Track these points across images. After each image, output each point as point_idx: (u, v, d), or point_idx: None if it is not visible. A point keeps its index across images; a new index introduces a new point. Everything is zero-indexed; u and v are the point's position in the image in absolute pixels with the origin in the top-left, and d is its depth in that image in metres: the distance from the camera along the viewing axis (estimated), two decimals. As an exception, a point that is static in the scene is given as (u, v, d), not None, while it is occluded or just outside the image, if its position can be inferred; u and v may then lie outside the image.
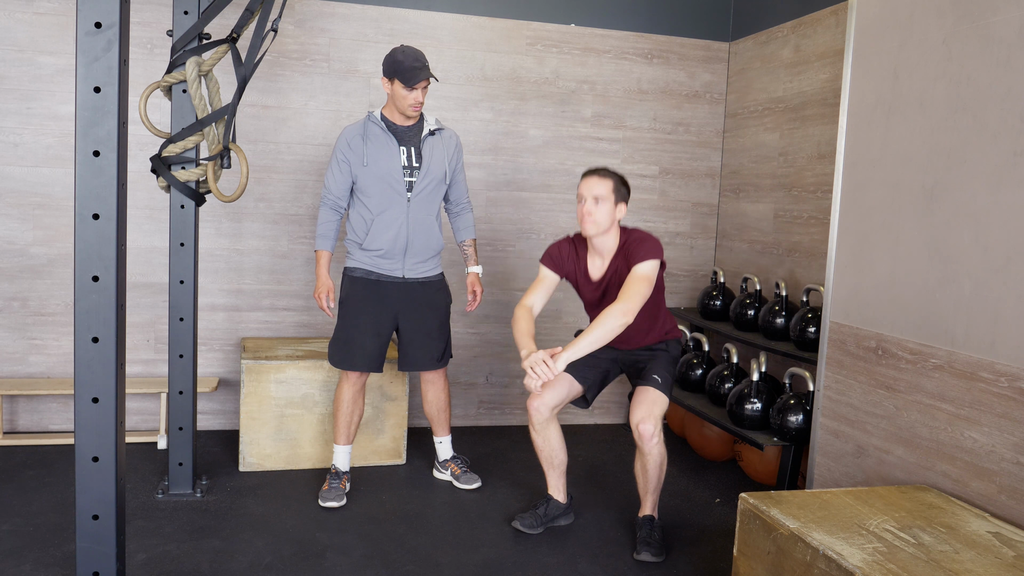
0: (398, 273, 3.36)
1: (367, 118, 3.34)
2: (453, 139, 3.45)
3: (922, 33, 2.61)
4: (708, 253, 4.80)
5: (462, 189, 3.53)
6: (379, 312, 3.37)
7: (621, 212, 2.95)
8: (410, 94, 3.22)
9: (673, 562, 2.95)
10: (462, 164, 3.50)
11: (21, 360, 4.00)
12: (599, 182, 2.91)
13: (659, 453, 2.94)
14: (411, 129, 3.35)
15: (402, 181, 3.29)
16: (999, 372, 2.31)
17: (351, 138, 3.31)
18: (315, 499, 3.38)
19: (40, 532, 2.95)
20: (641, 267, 2.86)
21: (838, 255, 2.96)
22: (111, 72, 1.87)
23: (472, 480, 3.58)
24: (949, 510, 2.32)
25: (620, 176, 2.98)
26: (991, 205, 2.34)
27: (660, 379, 2.99)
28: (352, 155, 3.30)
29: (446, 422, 3.66)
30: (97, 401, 1.95)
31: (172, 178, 2.86)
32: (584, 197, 2.91)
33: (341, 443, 3.48)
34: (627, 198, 2.98)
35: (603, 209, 2.90)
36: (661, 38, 4.59)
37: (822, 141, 3.83)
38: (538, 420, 3.06)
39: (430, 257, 3.41)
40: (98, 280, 1.92)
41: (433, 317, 3.44)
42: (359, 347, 3.36)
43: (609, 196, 2.90)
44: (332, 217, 3.38)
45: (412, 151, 3.33)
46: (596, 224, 2.91)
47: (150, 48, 3.98)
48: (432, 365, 3.48)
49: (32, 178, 3.93)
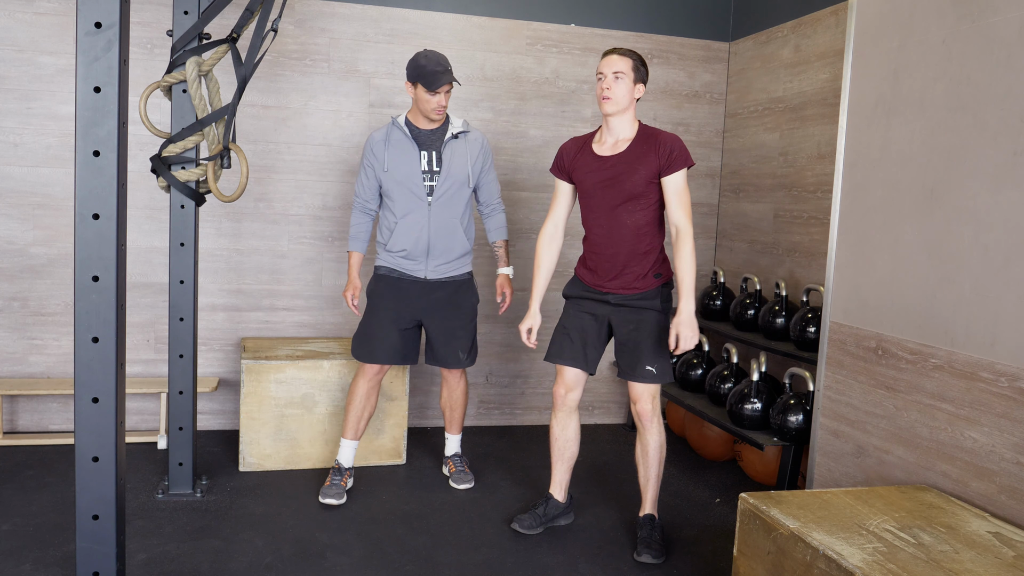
0: (420, 274, 3.40)
1: (392, 123, 3.39)
2: (479, 141, 3.46)
3: (922, 33, 2.61)
4: (708, 253, 4.80)
5: (492, 190, 3.54)
6: (400, 307, 3.41)
7: (639, 92, 2.95)
8: (433, 98, 3.25)
9: (673, 562, 2.95)
10: (490, 165, 3.51)
11: (21, 360, 4.00)
12: (619, 59, 2.90)
13: (658, 433, 2.96)
14: (434, 133, 3.38)
15: (422, 186, 3.34)
16: (999, 372, 2.31)
17: (375, 144, 3.38)
18: (315, 499, 3.38)
19: (40, 532, 2.95)
20: (676, 180, 2.87)
21: (838, 255, 2.96)
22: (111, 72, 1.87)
23: (463, 480, 3.59)
24: (949, 510, 2.32)
25: (640, 56, 2.96)
26: (991, 205, 2.34)
27: (654, 369, 2.94)
28: (375, 160, 3.37)
29: (458, 421, 3.70)
30: (97, 401, 1.95)
31: (172, 178, 2.86)
32: (604, 74, 2.90)
33: (348, 437, 3.49)
34: (646, 79, 2.96)
35: (622, 86, 2.89)
36: (661, 38, 4.59)
37: (822, 141, 3.83)
38: (563, 409, 3.09)
39: (454, 259, 3.43)
40: (98, 280, 1.92)
41: (456, 316, 3.47)
42: (379, 340, 3.40)
43: (629, 73, 2.89)
44: (362, 219, 3.46)
45: (433, 155, 3.36)
46: (615, 101, 2.89)
47: (150, 48, 3.98)
48: (457, 363, 3.51)
49: (32, 178, 3.93)
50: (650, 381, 2.94)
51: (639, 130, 2.96)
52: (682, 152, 2.88)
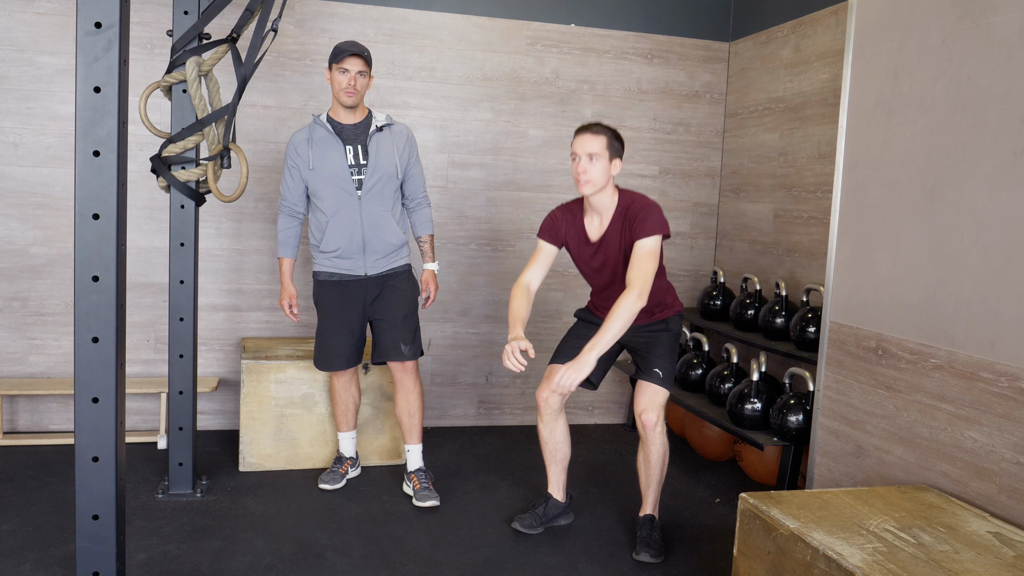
0: (360, 271, 3.34)
1: (313, 121, 3.32)
2: (404, 133, 3.38)
3: (922, 33, 2.61)
4: (708, 253, 4.80)
5: (418, 183, 3.44)
6: (348, 311, 3.36)
7: (616, 168, 2.91)
8: (343, 78, 3.19)
9: (673, 562, 2.95)
10: (416, 158, 3.42)
11: (21, 360, 4.00)
12: (592, 139, 2.85)
13: (662, 443, 2.96)
14: (357, 127, 3.31)
15: (350, 180, 3.27)
16: (999, 372, 2.31)
17: (298, 143, 3.31)
18: (315, 499, 3.38)
19: (40, 532, 2.95)
20: (645, 243, 2.82)
21: (838, 255, 2.96)
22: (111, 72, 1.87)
23: (428, 498, 3.34)
24: (949, 510, 2.32)
25: (613, 131, 2.92)
26: (991, 205, 2.34)
27: (661, 372, 2.98)
28: (299, 160, 3.30)
29: (417, 429, 3.46)
30: (97, 401, 1.95)
31: (172, 178, 2.86)
32: (578, 155, 2.86)
33: (342, 430, 3.56)
34: (621, 153, 2.93)
35: (598, 167, 2.85)
36: (661, 38, 4.59)
37: (822, 141, 3.83)
38: (547, 412, 3.07)
39: (391, 252, 3.36)
40: (98, 280, 1.92)
41: (398, 304, 3.36)
42: (334, 348, 3.39)
43: (603, 153, 2.85)
44: (290, 223, 3.40)
45: (359, 149, 3.30)
46: (592, 183, 2.85)
47: (150, 48, 3.98)
48: (400, 354, 3.34)
49: (32, 178, 3.93)
50: (655, 382, 2.96)
51: (619, 202, 2.94)
52: (654, 222, 2.84)
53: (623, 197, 2.95)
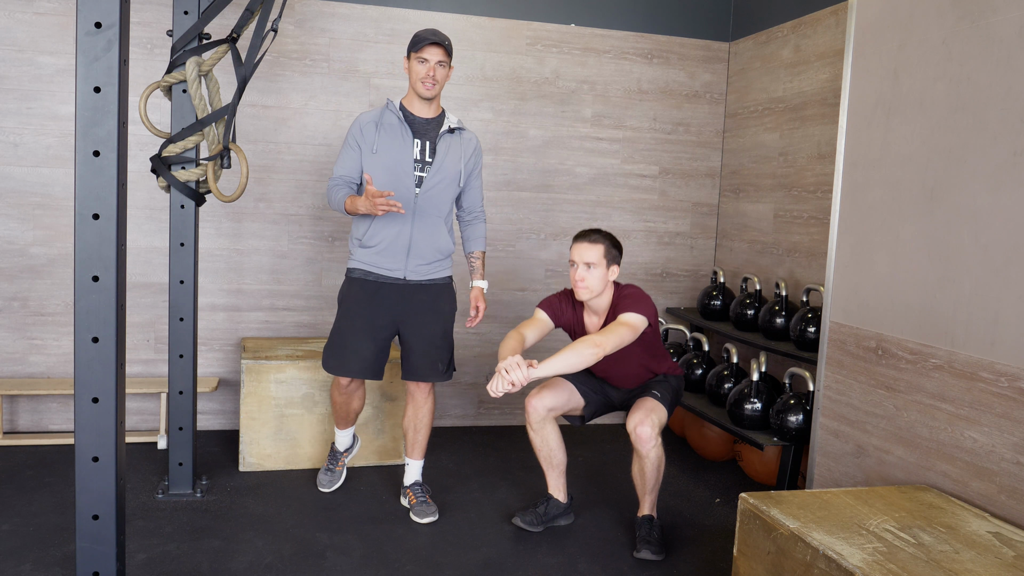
0: (399, 274, 3.13)
1: (386, 105, 3.15)
2: (472, 141, 3.23)
3: (922, 33, 2.61)
4: (708, 253, 4.80)
5: (476, 196, 3.30)
6: (376, 314, 3.15)
7: (613, 274, 2.97)
8: (422, 67, 3.02)
9: (673, 562, 2.95)
10: (479, 170, 3.28)
11: (21, 360, 4.00)
12: (590, 248, 2.92)
13: (656, 456, 2.94)
14: (429, 123, 3.14)
15: (411, 174, 3.08)
16: (999, 372, 2.31)
17: (364, 124, 3.11)
18: (315, 499, 3.38)
19: (40, 532, 2.95)
20: (626, 315, 2.87)
21: (838, 255, 2.96)
22: (111, 72, 1.87)
23: (426, 513, 3.20)
24: (949, 510, 2.32)
25: (611, 238, 2.97)
26: (991, 205, 2.34)
27: (659, 394, 3.03)
28: (363, 142, 3.10)
29: (421, 444, 3.34)
30: (97, 401, 1.95)
31: (172, 178, 2.86)
32: (576, 263, 2.93)
33: (340, 428, 3.48)
34: (619, 259, 2.98)
35: (595, 275, 2.92)
36: (661, 38, 4.59)
37: (822, 141, 3.83)
38: (535, 419, 3.07)
39: (436, 260, 3.18)
40: (98, 280, 1.92)
41: (436, 323, 3.20)
42: (352, 351, 3.16)
43: (600, 261, 2.91)
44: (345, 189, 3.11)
45: (427, 145, 3.12)
46: (589, 290, 2.93)
47: (150, 48, 3.98)
48: (436, 376, 3.22)
49: (32, 178, 3.93)
50: (654, 399, 3.00)
51: (612, 298, 3.01)
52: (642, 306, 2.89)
53: (617, 291, 3.01)
